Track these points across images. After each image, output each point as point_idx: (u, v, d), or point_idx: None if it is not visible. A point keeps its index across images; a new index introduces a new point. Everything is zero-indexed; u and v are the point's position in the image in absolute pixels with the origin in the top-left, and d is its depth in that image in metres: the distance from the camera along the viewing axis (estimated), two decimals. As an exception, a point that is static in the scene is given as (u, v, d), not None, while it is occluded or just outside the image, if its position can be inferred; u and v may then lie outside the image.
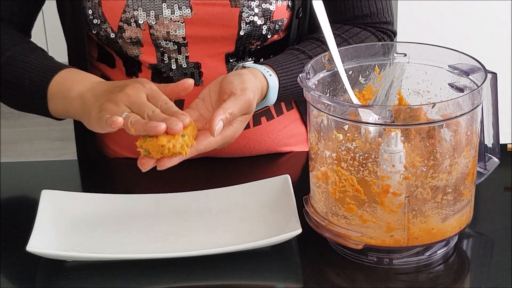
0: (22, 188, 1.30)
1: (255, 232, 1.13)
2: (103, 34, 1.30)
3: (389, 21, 1.39)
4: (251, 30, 1.29)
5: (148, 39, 1.30)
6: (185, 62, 1.32)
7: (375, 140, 1.07)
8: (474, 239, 1.15)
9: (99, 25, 1.29)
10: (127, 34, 1.29)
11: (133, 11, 1.27)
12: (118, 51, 1.33)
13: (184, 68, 1.33)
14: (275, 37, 1.33)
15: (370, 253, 1.08)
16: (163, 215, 1.18)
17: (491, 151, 1.16)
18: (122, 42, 1.30)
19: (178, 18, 1.28)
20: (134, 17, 1.28)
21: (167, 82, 1.33)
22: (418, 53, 1.14)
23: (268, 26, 1.30)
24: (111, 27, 1.29)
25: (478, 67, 1.08)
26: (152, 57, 1.32)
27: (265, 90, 1.21)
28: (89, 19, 1.29)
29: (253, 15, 1.28)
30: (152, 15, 1.27)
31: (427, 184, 1.03)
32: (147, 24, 1.28)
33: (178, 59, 1.32)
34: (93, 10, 1.28)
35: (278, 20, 1.31)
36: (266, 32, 1.31)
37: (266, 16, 1.29)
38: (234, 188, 1.21)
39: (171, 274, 1.07)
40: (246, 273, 1.08)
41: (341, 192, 1.06)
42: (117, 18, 1.28)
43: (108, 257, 1.08)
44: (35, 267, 1.09)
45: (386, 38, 1.38)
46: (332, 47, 1.10)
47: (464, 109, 1.02)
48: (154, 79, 1.34)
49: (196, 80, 1.33)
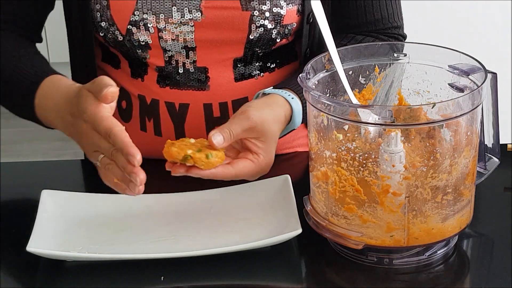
0: (22, 188, 1.30)
1: (255, 232, 1.13)
2: (110, 36, 1.29)
3: (399, 25, 1.38)
4: (261, 34, 1.28)
5: (157, 42, 1.29)
6: (193, 67, 1.31)
7: (375, 140, 1.07)
8: (474, 239, 1.15)
9: (107, 28, 1.28)
10: (135, 37, 1.28)
11: (143, 14, 1.26)
12: (125, 53, 1.32)
13: (191, 73, 1.31)
14: (283, 41, 1.32)
15: (370, 253, 1.08)
16: (163, 215, 1.18)
17: (491, 151, 1.16)
18: (130, 45, 1.29)
19: (188, 22, 1.27)
20: (143, 20, 1.26)
21: (173, 87, 1.33)
22: (418, 53, 1.14)
23: (278, 30, 1.29)
24: (119, 30, 1.28)
25: (478, 67, 1.08)
26: (159, 60, 1.31)
27: (289, 113, 1.21)
28: (96, 21, 1.28)
29: (263, 19, 1.27)
30: (161, 18, 1.26)
31: (427, 184, 1.03)
32: (156, 28, 1.27)
33: (185, 63, 1.31)
34: (101, 13, 1.27)
35: (288, 25, 1.30)
36: (275, 36, 1.30)
37: (276, 20, 1.28)
38: (234, 188, 1.21)
39: (171, 274, 1.07)
40: (246, 273, 1.08)
41: (341, 192, 1.06)
42: (125, 21, 1.27)
43: (108, 257, 1.09)
44: (35, 267, 1.09)
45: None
46: (331, 47, 1.10)
47: (464, 109, 1.02)
48: (160, 82, 1.33)
49: (202, 85, 1.32)
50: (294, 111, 1.21)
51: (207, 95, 1.32)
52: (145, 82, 1.33)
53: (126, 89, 1.36)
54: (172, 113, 1.33)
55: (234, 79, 1.33)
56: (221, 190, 1.21)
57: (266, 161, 1.16)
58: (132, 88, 1.35)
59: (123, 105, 1.37)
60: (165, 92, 1.33)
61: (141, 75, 1.34)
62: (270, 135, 1.16)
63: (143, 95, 1.34)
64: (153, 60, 1.31)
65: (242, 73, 1.33)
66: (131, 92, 1.35)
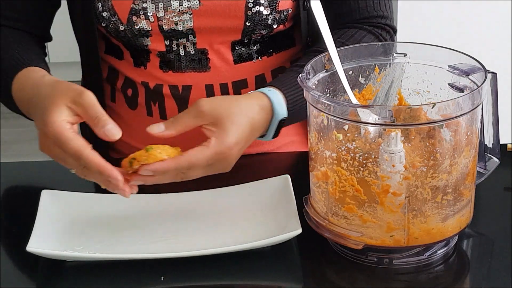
0: (22, 188, 1.30)
1: (255, 232, 1.13)
2: (112, 26, 1.31)
3: (386, 15, 1.35)
4: (257, 20, 1.30)
5: (157, 30, 1.31)
6: (193, 49, 1.33)
7: (375, 140, 1.07)
8: (474, 239, 1.15)
9: (108, 18, 1.31)
10: (136, 26, 1.30)
11: (142, 3, 1.29)
12: (126, 43, 1.35)
13: (192, 55, 1.34)
14: (280, 27, 1.34)
15: (370, 253, 1.08)
16: (163, 215, 1.18)
17: (491, 151, 1.16)
18: (131, 34, 1.31)
19: (186, 10, 1.29)
20: (143, 9, 1.29)
21: (175, 71, 1.34)
22: (418, 53, 1.14)
23: (274, 16, 1.31)
24: (121, 20, 1.30)
25: (478, 67, 1.08)
26: (161, 45, 1.33)
27: (267, 104, 1.19)
28: (98, 12, 1.31)
29: (259, 5, 1.29)
30: (160, 7, 1.29)
31: (427, 184, 1.03)
32: (155, 16, 1.30)
33: (186, 45, 1.33)
34: (102, 3, 1.30)
35: (284, 10, 1.31)
36: (271, 22, 1.32)
37: (272, 6, 1.30)
38: (234, 188, 1.21)
39: (171, 274, 1.07)
40: (246, 273, 1.08)
41: (341, 192, 1.06)
42: (126, 10, 1.29)
43: (108, 257, 1.08)
44: (35, 267, 1.09)
45: (385, 35, 1.35)
46: (330, 47, 1.10)
47: (464, 109, 1.02)
48: (162, 67, 1.35)
49: (203, 66, 1.34)
50: (273, 102, 1.20)
51: (208, 76, 1.35)
52: (148, 70, 1.36)
53: (130, 77, 1.38)
54: (175, 96, 1.36)
55: (234, 61, 1.35)
56: (221, 190, 1.21)
57: (224, 145, 1.10)
58: (136, 76, 1.38)
59: (128, 93, 1.39)
60: (168, 76, 1.35)
61: (143, 63, 1.36)
62: (226, 119, 1.12)
63: (147, 81, 1.37)
64: (154, 46, 1.33)
65: (241, 54, 1.35)
66: (135, 80, 1.38)
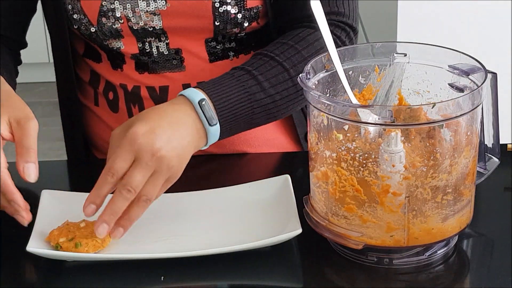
0: (22, 188, 1.29)
1: (255, 232, 1.13)
2: (84, 28, 1.31)
3: (342, 12, 1.28)
4: (226, 19, 1.29)
5: (128, 31, 1.31)
6: (166, 49, 1.33)
7: (375, 140, 1.07)
8: (474, 239, 1.15)
9: (79, 20, 1.31)
10: (106, 28, 1.30)
11: (110, 5, 1.29)
12: (100, 44, 1.35)
13: (166, 55, 1.33)
14: (254, 25, 1.32)
15: (370, 253, 1.08)
16: (163, 215, 1.18)
17: (491, 151, 1.16)
18: (103, 36, 1.32)
19: (154, 10, 1.29)
20: (111, 10, 1.29)
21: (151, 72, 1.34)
22: (418, 53, 1.14)
23: (244, 14, 1.30)
24: (91, 21, 1.30)
25: (478, 67, 1.08)
26: (133, 47, 1.33)
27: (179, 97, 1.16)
28: (69, 14, 1.31)
29: (226, 4, 1.28)
30: (128, 7, 1.29)
31: (427, 184, 1.03)
32: (125, 17, 1.30)
33: (159, 46, 1.33)
34: (72, 5, 1.30)
35: (253, 8, 1.30)
36: (241, 20, 1.30)
37: (239, 5, 1.29)
38: (234, 188, 1.21)
39: (171, 274, 1.07)
40: (246, 273, 1.08)
41: (341, 192, 1.06)
42: (95, 12, 1.29)
43: (108, 257, 1.08)
44: (35, 267, 1.09)
45: (343, 36, 1.29)
46: (331, 47, 1.10)
47: (464, 109, 1.02)
48: (138, 69, 1.35)
49: (179, 66, 1.34)
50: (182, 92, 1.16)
51: (185, 75, 1.35)
52: (125, 72, 1.36)
53: (110, 80, 1.38)
54: (153, 97, 1.36)
55: (209, 60, 1.34)
56: (221, 190, 1.21)
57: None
58: (114, 79, 1.38)
59: (110, 97, 1.39)
60: (144, 77, 1.35)
61: (120, 66, 1.36)
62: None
63: (125, 83, 1.37)
64: (127, 48, 1.33)
65: (215, 53, 1.34)
66: (114, 83, 1.38)
